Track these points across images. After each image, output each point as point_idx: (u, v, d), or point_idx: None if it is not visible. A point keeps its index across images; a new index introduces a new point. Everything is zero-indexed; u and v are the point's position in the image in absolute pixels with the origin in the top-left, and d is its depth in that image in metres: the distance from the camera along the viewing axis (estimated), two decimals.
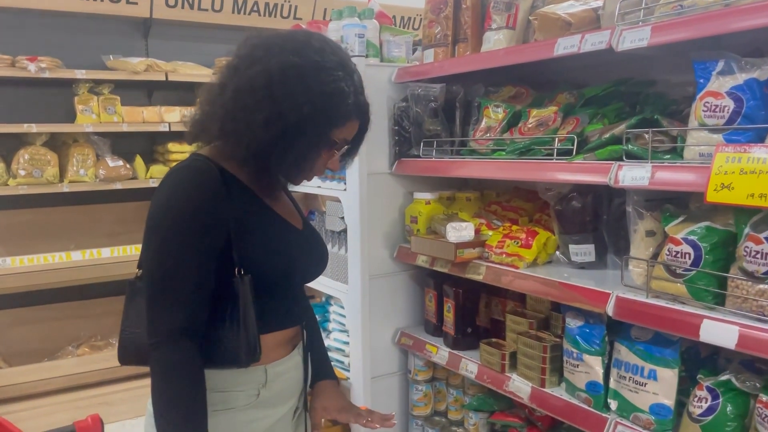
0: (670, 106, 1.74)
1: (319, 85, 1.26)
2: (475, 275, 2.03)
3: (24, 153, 3.66)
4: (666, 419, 1.56)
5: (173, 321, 1.21)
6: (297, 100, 1.24)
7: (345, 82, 1.29)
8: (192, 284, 1.22)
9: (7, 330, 3.87)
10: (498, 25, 2.04)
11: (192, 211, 1.22)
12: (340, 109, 1.30)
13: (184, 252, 1.22)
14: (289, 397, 1.46)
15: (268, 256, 1.33)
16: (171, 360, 1.21)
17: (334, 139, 1.33)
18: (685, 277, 1.48)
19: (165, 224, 1.23)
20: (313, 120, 1.26)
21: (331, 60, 1.29)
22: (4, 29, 3.83)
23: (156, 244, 1.23)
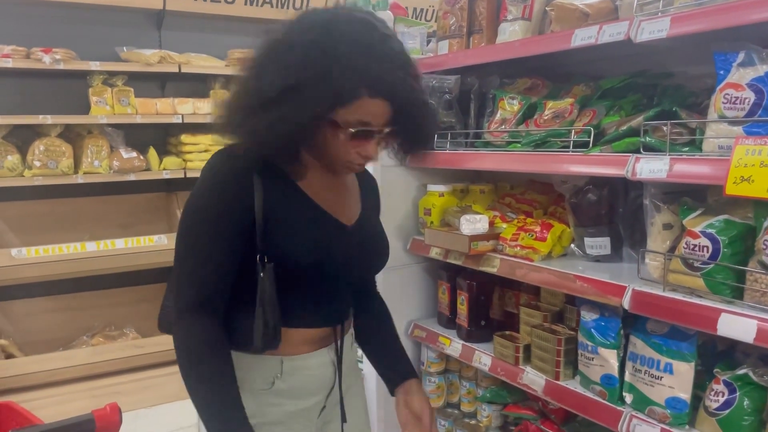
0: (688, 98, 1.73)
1: (300, 61, 1.17)
2: (489, 268, 2.02)
3: (39, 144, 3.68)
4: (682, 413, 1.56)
5: (192, 296, 1.26)
6: (275, 74, 1.19)
7: (339, 57, 1.16)
8: (211, 264, 1.26)
9: (22, 320, 3.91)
10: (513, 16, 2.03)
11: (212, 196, 1.27)
12: (330, 87, 1.16)
13: (205, 234, 1.26)
14: (311, 394, 1.42)
15: (291, 246, 1.29)
16: (189, 332, 1.26)
17: (337, 121, 1.21)
18: (703, 271, 1.47)
19: (191, 208, 1.28)
20: (293, 94, 1.16)
21: (324, 35, 1.18)
22: (19, 21, 3.85)
23: (182, 226, 1.29)
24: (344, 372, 1.49)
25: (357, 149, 1.27)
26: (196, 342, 1.26)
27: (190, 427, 3.50)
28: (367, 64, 1.17)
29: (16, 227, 3.89)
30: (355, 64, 1.16)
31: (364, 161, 1.31)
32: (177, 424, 3.54)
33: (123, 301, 4.10)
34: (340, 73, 1.16)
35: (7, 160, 3.60)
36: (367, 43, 1.19)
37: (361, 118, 1.22)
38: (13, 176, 3.62)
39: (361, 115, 1.22)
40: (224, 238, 1.26)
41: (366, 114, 1.22)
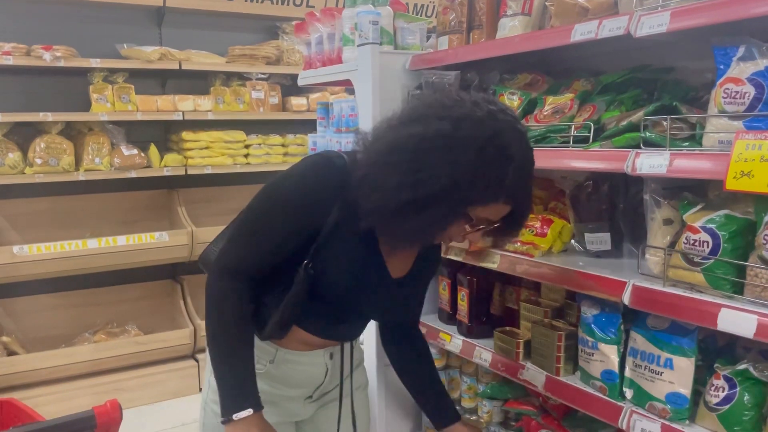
0: (688, 92, 1.72)
1: (464, 163, 1.19)
2: (489, 264, 2.02)
3: (40, 142, 3.69)
4: (682, 408, 1.55)
5: (234, 262, 1.35)
6: (437, 172, 1.19)
7: (499, 167, 1.22)
8: (264, 245, 1.34)
9: (24, 317, 3.93)
10: (513, 12, 2.02)
11: (300, 189, 1.32)
12: (484, 190, 1.23)
13: (274, 216, 1.33)
14: (298, 386, 1.52)
15: (337, 271, 1.37)
16: (221, 287, 1.35)
17: (470, 215, 1.28)
18: (703, 266, 1.47)
19: (274, 188, 1.35)
20: (448, 195, 1.21)
21: (491, 140, 1.21)
22: (19, 18, 3.85)
23: (260, 199, 1.35)
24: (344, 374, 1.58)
25: (468, 236, 1.35)
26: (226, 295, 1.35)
27: (192, 423, 3.51)
28: (517, 174, 1.24)
29: (18, 225, 3.90)
30: (507, 174, 1.22)
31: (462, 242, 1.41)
32: (179, 421, 3.55)
33: (125, 298, 4.11)
34: (496, 177, 1.22)
35: (9, 158, 3.60)
36: (521, 158, 1.25)
37: (489, 217, 1.30)
38: (15, 174, 3.62)
39: (489, 215, 1.30)
40: (286, 230, 1.33)
41: (494, 214, 1.30)
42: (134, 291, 4.14)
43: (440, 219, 1.24)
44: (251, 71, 4.26)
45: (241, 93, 4.21)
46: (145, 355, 3.82)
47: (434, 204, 1.21)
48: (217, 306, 1.36)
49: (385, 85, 2.33)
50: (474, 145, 1.20)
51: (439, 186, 1.19)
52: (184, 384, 3.89)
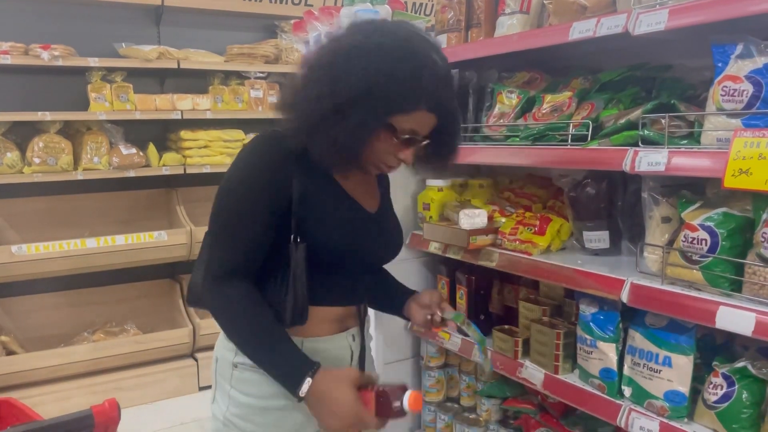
0: (686, 90, 1.72)
1: (378, 66, 1.25)
2: (488, 262, 2.02)
3: (38, 141, 3.68)
4: (680, 406, 1.56)
5: (223, 265, 1.34)
6: (351, 78, 1.25)
7: (413, 69, 1.26)
8: (244, 236, 1.33)
9: (23, 316, 3.92)
10: (512, 10, 2.02)
11: (252, 172, 1.34)
12: (401, 94, 1.26)
13: (241, 207, 1.33)
14: None
15: (323, 230, 1.36)
16: (223, 293, 1.33)
17: (394, 125, 1.30)
18: (702, 264, 1.47)
19: (229, 183, 1.36)
20: (366, 101, 1.25)
21: (403, 46, 1.27)
22: (17, 17, 3.84)
23: (219, 199, 1.36)
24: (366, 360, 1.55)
25: (399, 154, 1.35)
26: (232, 298, 1.33)
27: (190, 422, 3.51)
28: (431, 79, 1.28)
29: (16, 224, 3.89)
30: (422, 76, 1.27)
31: (398, 165, 1.39)
32: (178, 420, 3.55)
33: (123, 297, 4.10)
34: (410, 82, 1.26)
35: (7, 157, 3.60)
36: (433, 61, 1.30)
37: (413, 127, 1.32)
38: (13, 173, 3.61)
39: (414, 125, 1.32)
40: (258, 215, 1.33)
41: (418, 124, 1.32)
42: (133, 290, 4.13)
43: (362, 125, 1.27)
44: (250, 70, 4.25)
45: (239, 92, 4.20)
46: (144, 354, 3.81)
47: (353, 109, 1.25)
48: (228, 314, 1.35)
49: None
50: (384, 49, 1.26)
51: (355, 90, 1.24)
52: (183, 383, 3.88)
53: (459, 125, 1.46)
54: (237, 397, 1.42)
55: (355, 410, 1.25)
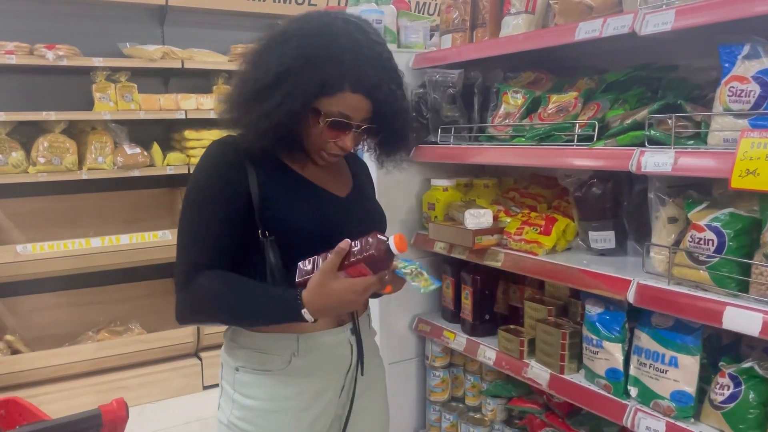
0: (693, 91, 1.72)
1: (295, 50, 1.29)
2: (493, 262, 2.03)
3: (43, 141, 3.68)
4: (687, 406, 1.56)
5: (188, 266, 1.35)
6: (271, 65, 1.30)
7: (332, 52, 1.28)
8: (206, 239, 1.35)
9: (28, 315, 3.93)
10: (517, 10, 2.02)
11: (207, 178, 1.37)
12: (320, 77, 1.28)
13: (200, 212, 1.36)
14: (330, 372, 1.45)
15: (289, 218, 1.37)
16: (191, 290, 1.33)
17: (319, 109, 1.31)
18: (708, 264, 1.47)
19: (188, 190, 1.39)
20: (285, 85, 1.28)
21: (322, 30, 1.31)
22: (22, 17, 3.85)
23: (184, 205, 1.39)
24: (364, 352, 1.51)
25: (334, 139, 1.36)
26: (200, 286, 1.33)
27: (195, 421, 3.52)
28: (354, 60, 1.29)
29: (21, 223, 3.90)
30: (343, 58, 1.29)
31: (339, 151, 1.40)
32: (182, 419, 3.56)
33: (128, 296, 4.11)
34: (328, 64, 1.28)
35: (12, 157, 3.60)
36: (357, 43, 1.31)
37: (341, 110, 1.33)
38: (18, 173, 3.62)
39: (342, 108, 1.32)
40: (218, 218, 1.35)
41: (346, 107, 1.32)
42: (137, 289, 4.14)
43: (283, 109, 1.28)
44: None
45: None
46: (149, 353, 3.82)
47: (272, 93, 1.28)
48: (203, 302, 1.35)
49: None
50: (300, 36, 1.30)
51: (272, 76, 1.29)
52: (187, 382, 3.89)
53: (403, 111, 1.42)
54: (240, 401, 1.42)
55: (357, 287, 1.25)
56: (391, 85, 1.35)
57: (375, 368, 1.61)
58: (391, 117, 1.38)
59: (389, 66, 1.36)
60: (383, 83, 1.33)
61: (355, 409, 1.52)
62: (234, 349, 1.45)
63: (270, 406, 1.41)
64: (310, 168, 1.45)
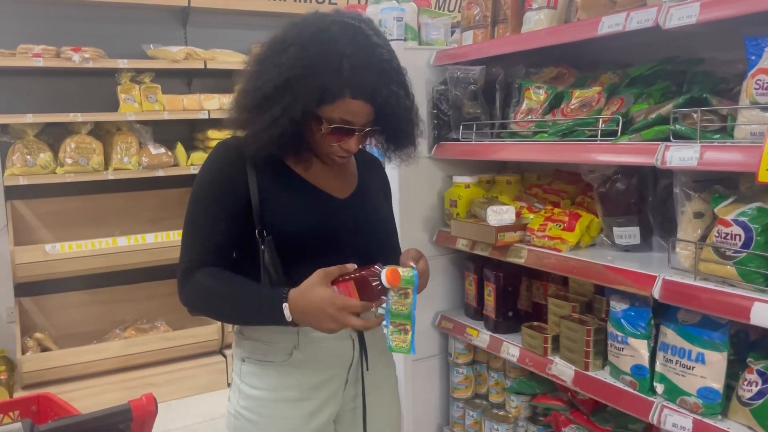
0: (718, 84, 1.70)
1: (289, 58, 1.30)
2: (516, 259, 2.02)
3: (70, 142, 3.75)
4: (714, 403, 1.54)
5: (189, 260, 1.38)
6: (271, 73, 1.32)
7: (329, 59, 1.29)
8: (206, 234, 1.38)
9: (57, 313, 4.00)
10: (539, 5, 2.01)
11: (208, 178, 1.42)
12: (319, 86, 1.29)
13: (201, 211, 1.40)
14: (331, 366, 1.47)
15: (286, 218, 1.39)
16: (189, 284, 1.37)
17: (321, 116, 1.33)
18: (735, 260, 1.45)
19: (192, 189, 1.43)
20: (283, 93, 1.30)
21: (319, 36, 1.31)
22: (48, 21, 3.92)
23: (189, 203, 1.43)
24: (368, 348, 1.52)
25: (338, 143, 1.38)
26: (197, 282, 1.36)
27: (220, 417, 3.56)
28: (352, 66, 1.30)
29: (50, 223, 3.97)
30: (341, 65, 1.29)
31: (346, 154, 1.41)
32: (208, 415, 3.60)
33: (154, 294, 4.16)
34: (327, 72, 1.29)
35: (40, 158, 3.67)
36: (355, 47, 1.31)
37: (342, 116, 1.34)
38: (46, 173, 3.69)
39: (343, 114, 1.33)
40: (217, 217, 1.39)
41: (347, 113, 1.33)
42: (163, 287, 4.19)
43: (284, 119, 1.30)
44: None
45: None
46: (174, 350, 3.88)
47: (273, 104, 1.30)
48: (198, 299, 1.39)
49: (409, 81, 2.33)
50: (301, 41, 1.31)
51: (272, 86, 1.30)
52: (212, 379, 3.93)
53: (406, 110, 1.41)
54: (245, 390, 1.46)
55: (337, 302, 1.25)
56: (392, 86, 1.35)
57: (384, 363, 1.63)
58: (394, 117, 1.39)
59: (389, 67, 1.36)
60: (383, 87, 1.33)
61: (369, 403, 1.54)
62: (241, 340, 1.50)
63: (272, 396, 1.44)
64: (312, 169, 1.46)
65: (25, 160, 3.63)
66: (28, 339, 3.71)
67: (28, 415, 1.98)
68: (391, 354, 1.66)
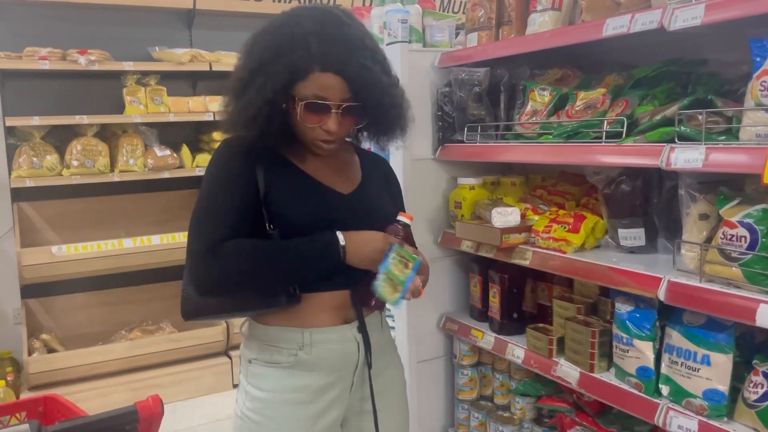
0: (723, 85, 1.70)
1: (261, 43, 1.38)
2: (521, 260, 2.02)
3: (76, 144, 3.77)
4: (720, 405, 1.54)
5: (203, 238, 1.38)
6: (245, 62, 1.39)
7: (297, 37, 1.34)
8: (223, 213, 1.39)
9: (63, 315, 4.02)
10: (543, 7, 2.01)
11: (220, 169, 1.44)
12: (289, 64, 1.33)
13: (214, 198, 1.41)
14: (336, 369, 1.47)
15: (290, 213, 1.41)
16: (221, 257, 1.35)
17: (296, 96, 1.36)
18: (741, 261, 1.45)
19: (202, 184, 1.46)
20: (259, 76, 1.34)
21: (287, 21, 1.39)
22: (55, 23, 3.94)
23: (200, 192, 1.45)
24: (374, 351, 1.51)
25: (317, 123, 1.39)
26: (230, 251, 1.36)
27: (225, 419, 3.56)
28: (319, 41, 1.33)
29: (56, 225, 3.99)
30: (308, 41, 1.34)
31: (329, 137, 1.41)
32: (213, 416, 3.61)
33: (159, 296, 4.18)
34: (295, 50, 1.33)
35: (47, 160, 3.69)
36: (322, 25, 1.36)
37: (315, 92, 1.36)
38: (53, 175, 3.71)
39: (315, 90, 1.35)
40: (234, 195, 1.40)
41: (319, 88, 1.35)
42: (168, 289, 4.20)
43: (258, 99, 1.34)
44: None
45: None
46: (180, 352, 3.89)
47: (248, 87, 1.36)
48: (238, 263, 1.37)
49: (414, 83, 2.34)
50: (269, 31, 1.39)
51: (247, 71, 1.37)
52: (217, 380, 3.95)
53: (385, 87, 1.42)
54: (252, 392, 1.46)
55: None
56: (363, 60, 1.36)
57: (392, 366, 1.63)
58: (370, 92, 1.38)
59: (360, 44, 1.38)
60: (352, 58, 1.34)
61: (379, 407, 1.53)
62: (248, 341, 1.50)
63: (278, 398, 1.44)
64: (313, 164, 1.48)
65: (31, 162, 3.65)
66: (34, 340, 3.73)
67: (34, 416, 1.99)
68: (398, 357, 1.68)
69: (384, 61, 1.44)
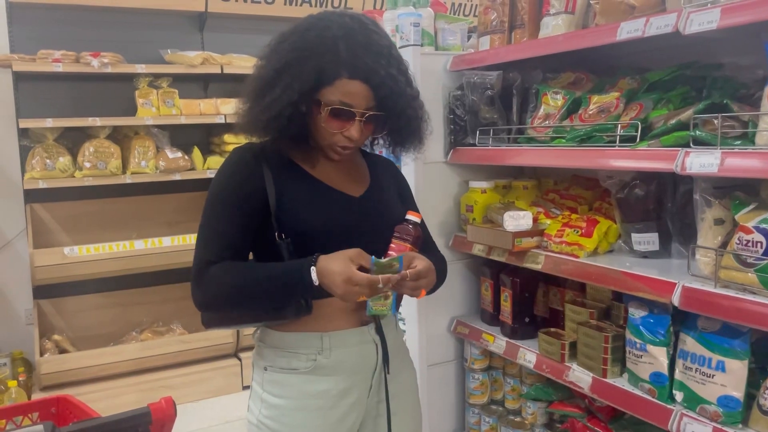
0: (739, 89, 1.68)
1: (287, 45, 1.36)
2: (533, 264, 2.01)
3: (89, 146, 3.80)
4: (735, 411, 1.52)
5: (202, 259, 1.39)
6: (269, 62, 1.38)
7: (325, 41, 1.33)
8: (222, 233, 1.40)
9: (74, 316, 4.05)
10: (557, 10, 2.01)
11: (224, 180, 1.44)
12: (316, 67, 1.32)
13: (216, 212, 1.41)
14: (355, 372, 1.46)
15: (304, 218, 1.41)
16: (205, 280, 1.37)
17: (321, 100, 1.35)
18: (757, 267, 1.44)
19: (208, 193, 1.45)
20: (284, 77, 1.33)
21: (315, 23, 1.37)
22: (68, 26, 3.97)
23: (206, 203, 1.45)
24: (390, 353, 1.51)
25: (340, 130, 1.38)
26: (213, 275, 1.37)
27: (235, 420, 3.57)
28: (348, 47, 1.33)
29: (68, 226, 4.02)
30: (337, 46, 1.33)
31: (349, 143, 1.41)
32: (223, 418, 3.62)
33: (170, 297, 4.20)
34: (323, 53, 1.33)
35: (59, 162, 3.72)
36: (350, 31, 1.35)
37: (341, 98, 1.35)
38: (65, 177, 3.74)
39: (342, 96, 1.35)
40: (232, 218, 1.40)
41: (345, 94, 1.35)
42: (179, 290, 4.22)
43: (282, 100, 1.33)
44: None
45: None
46: (190, 353, 3.91)
47: (272, 87, 1.35)
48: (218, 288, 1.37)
49: (426, 86, 2.33)
50: (296, 33, 1.37)
51: (272, 72, 1.35)
52: (227, 382, 3.96)
53: (407, 96, 1.41)
54: (268, 399, 1.45)
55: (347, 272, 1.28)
56: (390, 70, 1.36)
57: (406, 369, 1.62)
58: (394, 102, 1.38)
59: (387, 53, 1.37)
60: (380, 68, 1.34)
61: (394, 410, 1.53)
62: (262, 348, 1.49)
63: (297, 405, 1.43)
64: (323, 169, 1.48)
65: (44, 163, 3.67)
66: (46, 341, 3.75)
67: (47, 416, 2.00)
68: (411, 360, 1.67)
69: (407, 72, 1.43)
